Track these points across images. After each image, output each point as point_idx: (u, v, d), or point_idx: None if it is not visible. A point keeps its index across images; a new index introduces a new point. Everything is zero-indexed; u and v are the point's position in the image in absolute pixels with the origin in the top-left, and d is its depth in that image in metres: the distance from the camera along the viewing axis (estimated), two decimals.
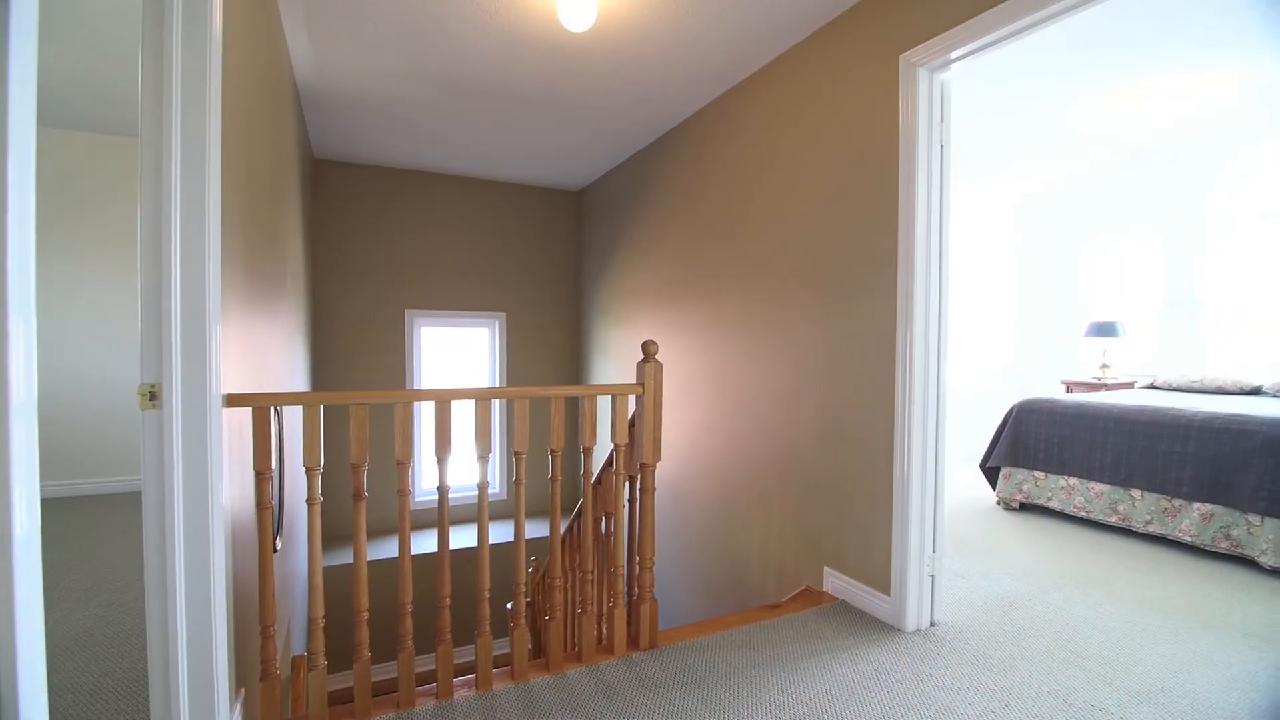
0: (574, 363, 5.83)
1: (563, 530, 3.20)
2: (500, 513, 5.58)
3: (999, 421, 4.08)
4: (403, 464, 1.71)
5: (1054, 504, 3.71)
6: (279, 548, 2.32)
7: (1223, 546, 2.99)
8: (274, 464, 1.84)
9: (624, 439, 2.01)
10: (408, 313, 5.28)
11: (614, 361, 4.93)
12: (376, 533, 5.08)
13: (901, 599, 2.23)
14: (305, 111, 3.84)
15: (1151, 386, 4.74)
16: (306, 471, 1.62)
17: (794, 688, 1.90)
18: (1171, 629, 2.28)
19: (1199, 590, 2.65)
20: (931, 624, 2.28)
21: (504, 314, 5.56)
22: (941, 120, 2.23)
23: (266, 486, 1.59)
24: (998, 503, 4.01)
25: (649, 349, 2.02)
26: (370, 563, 4.57)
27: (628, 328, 4.66)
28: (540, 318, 5.71)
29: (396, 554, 2.67)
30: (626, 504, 2.21)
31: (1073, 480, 3.62)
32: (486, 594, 1.85)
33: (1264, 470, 2.88)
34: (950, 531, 3.46)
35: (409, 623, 1.77)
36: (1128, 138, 4.51)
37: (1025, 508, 3.92)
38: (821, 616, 2.39)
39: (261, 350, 2.21)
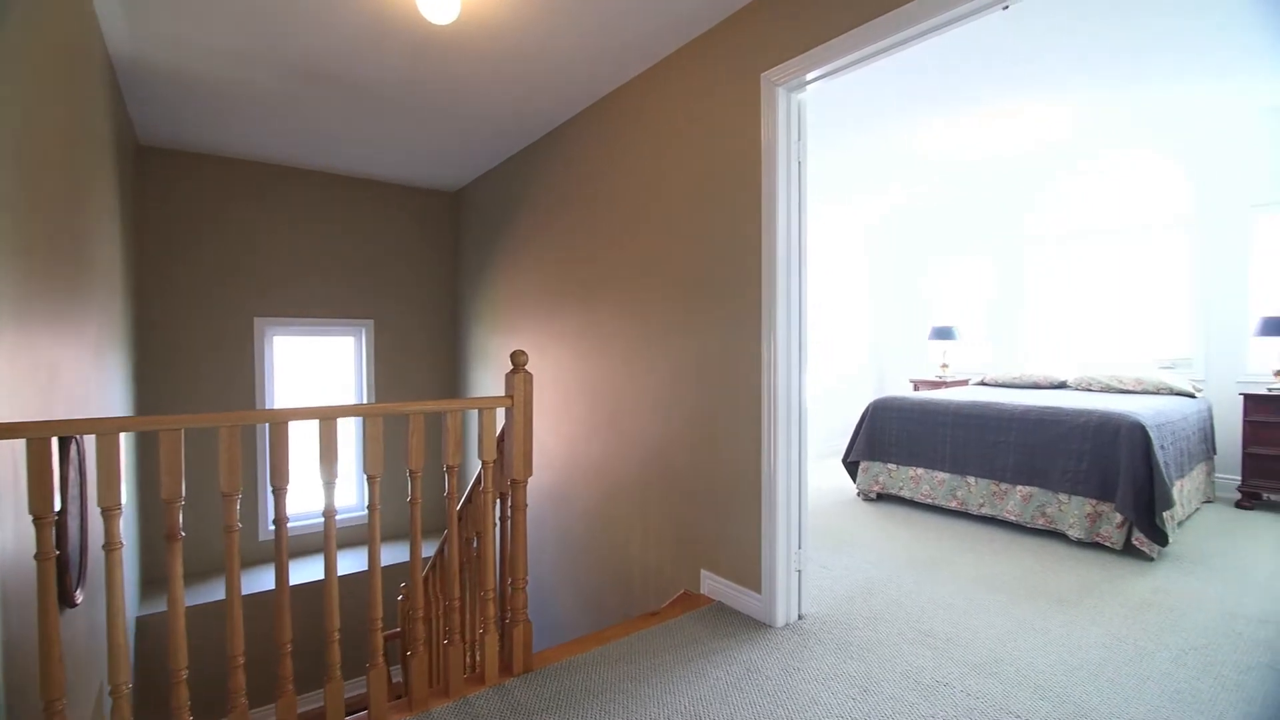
0: (451, 373, 5.56)
1: (431, 555, 3.01)
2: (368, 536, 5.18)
3: (858, 419, 4.40)
4: (229, 496, 1.50)
5: (905, 493, 4.05)
6: (79, 601, 1.97)
7: (1040, 523, 3.41)
8: (72, 504, 1.55)
9: (492, 455, 1.91)
10: (258, 321, 4.76)
11: (495, 370, 4.75)
12: (214, 572, 4.52)
13: (771, 596, 2.31)
14: (125, 91, 3.35)
15: (982, 383, 5.34)
16: (104, 513, 1.37)
17: (670, 697, 1.89)
18: (1001, 602, 2.55)
19: (1022, 564, 2.99)
20: (800, 617, 2.39)
21: (371, 321, 5.19)
22: (799, 139, 2.35)
23: (48, 534, 1.33)
24: (858, 494, 4.32)
25: (518, 359, 1.94)
26: (195, 608, 4.05)
27: (508, 335, 4.52)
28: (413, 325, 5.39)
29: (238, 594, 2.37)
30: (498, 522, 2.11)
31: (920, 470, 3.98)
32: (336, 635, 1.67)
33: (1069, 455, 3.32)
34: (817, 525, 3.67)
35: (241, 677, 1.56)
36: (962, 164, 5.06)
37: (882, 497, 4.25)
38: (698, 620, 2.42)
39: (52, 369, 1.86)
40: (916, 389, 5.88)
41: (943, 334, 5.81)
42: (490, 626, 1.94)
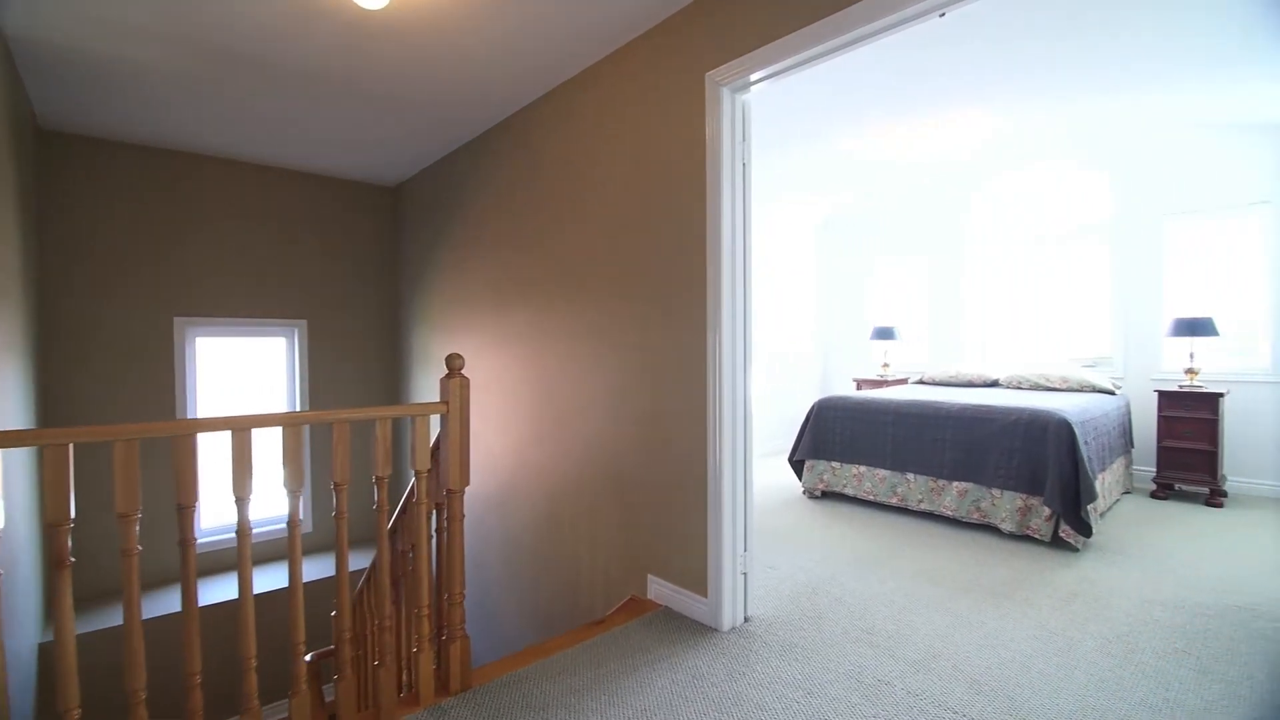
0: (392, 376, 5.35)
1: (367, 568, 2.87)
2: (308, 547, 4.93)
3: (804, 418, 4.46)
4: (125, 517, 1.36)
5: (849, 490, 4.13)
6: None
7: (974, 517, 3.53)
8: None
9: (425, 464, 1.82)
10: (179, 322, 4.46)
11: (439, 373, 4.59)
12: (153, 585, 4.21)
13: (718, 600, 2.30)
14: (22, 71, 3.06)
15: (921, 382, 5.50)
16: None
17: (614, 709, 1.84)
18: (939, 596, 2.61)
19: (958, 558, 3.08)
20: (746, 619, 2.38)
21: (304, 322, 4.93)
22: (744, 139, 2.34)
23: None
24: (804, 493, 4.38)
25: (453, 363, 1.85)
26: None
27: (452, 336, 4.37)
28: (351, 326, 5.16)
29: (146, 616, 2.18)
30: (434, 534, 2.01)
31: (862, 468, 4.06)
32: (252, 663, 1.55)
33: (1001, 452, 3.44)
34: (764, 524, 3.69)
35: (143, 713, 1.42)
36: (903, 169, 5.20)
37: (826, 495, 4.32)
38: (644, 627, 2.38)
39: None
40: (859, 388, 6.03)
41: (884, 334, 5.97)
42: (425, 644, 1.84)
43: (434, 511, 2.00)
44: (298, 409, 4.87)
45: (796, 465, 4.45)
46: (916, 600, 2.57)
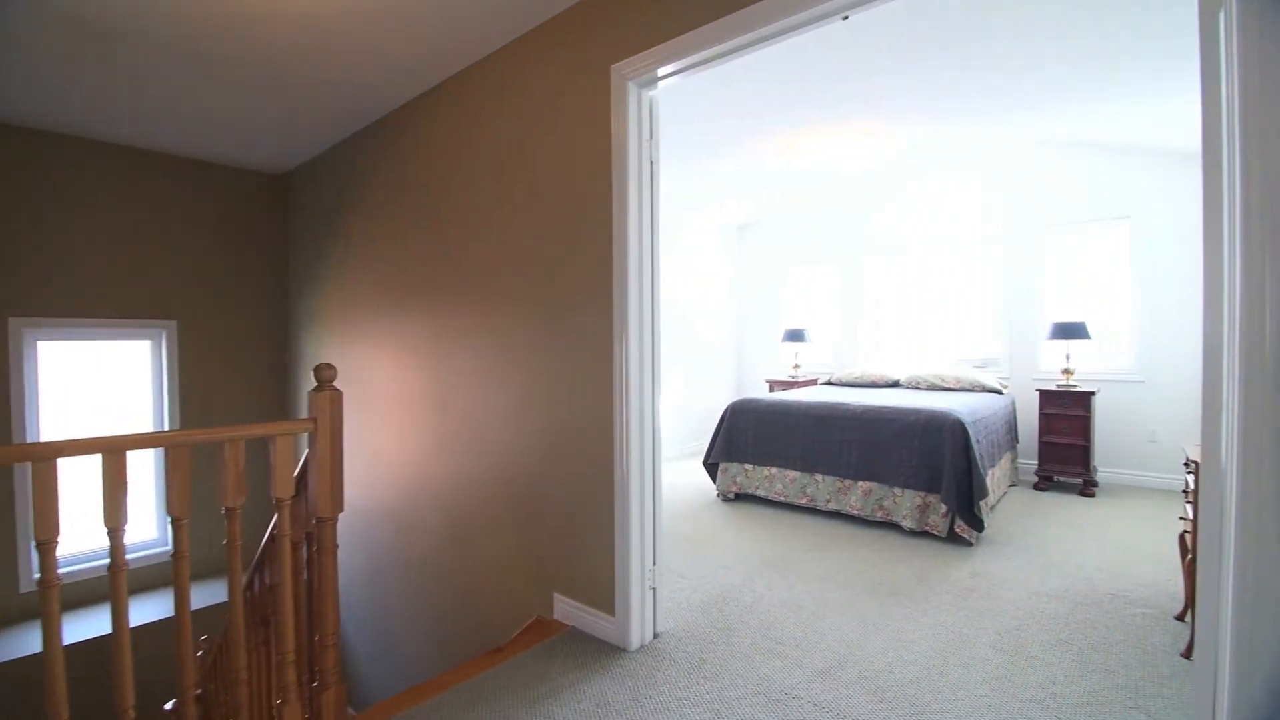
0: (278, 384, 4.90)
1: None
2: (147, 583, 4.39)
3: (718, 420, 4.45)
4: None
5: (761, 492, 4.16)
6: None
7: (878, 516, 3.62)
8: None
9: (287, 491, 1.60)
10: (16, 323, 3.86)
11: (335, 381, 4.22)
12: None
13: (626, 618, 2.19)
14: None
15: (829, 383, 5.67)
16: None
17: None
18: (846, 599, 2.63)
19: (863, 557, 3.14)
20: (655, 636, 2.29)
21: (174, 323, 4.41)
22: (651, 137, 2.25)
23: None
24: (718, 495, 4.37)
25: (323, 374, 1.64)
26: None
27: (347, 340, 4.03)
28: (230, 328, 4.67)
29: None
30: (307, 567, 1.79)
31: (774, 470, 4.10)
32: (131, 715, 1.28)
33: (901, 451, 3.55)
34: (677, 529, 3.64)
35: None
36: (811, 177, 5.32)
37: (740, 497, 4.33)
38: (548, 652, 2.24)
39: None
40: (772, 389, 6.14)
41: (795, 336, 6.11)
42: (291, 694, 1.62)
43: (306, 542, 1.78)
44: (165, 423, 4.35)
45: (711, 468, 4.44)
46: (824, 604, 2.58)
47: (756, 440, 4.19)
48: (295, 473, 1.70)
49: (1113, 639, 2.27)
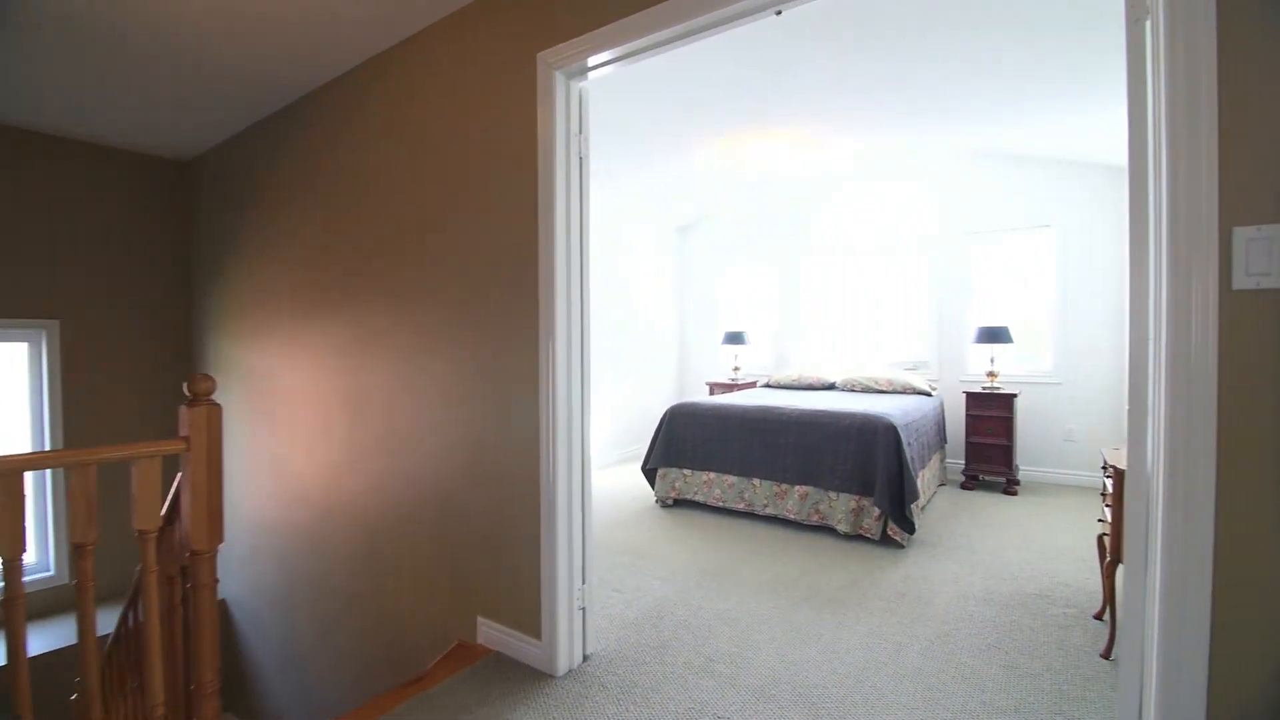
0: (180, 392, 4.48)
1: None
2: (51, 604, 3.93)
3: (657, 425, 4.37)
4: None
5: (699, 497, 4.10)
6: None
7: (814, 520, 3.62)
8: None
9: (152, 521, 1.39)
10: None
11: (239, 387, 3.89)
12: None
13: (552, 641, 2.06)
14: None
15: (768, 385, 5.69)
16: None
17: None
18: (781, 609, 2.59)
19: (800, 563, 3.12)
20: (585, 659, 2.17)
21: (56, 323, 3.96)
22: (580, 131, 2.12)
23: None
24: (657, 501, 4.29)
25: (198, 387, 1.44)
26: None
27: (257, 343, 3.71)
28: (123, 329, 4.24)
29: None
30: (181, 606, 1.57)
31: (712, 475, 4.05)
32: None
33: (835, 455, 3.56)
34: (614, 538, 3.53)
35: None
36: (754, 180, 5.32)
37: (679, 503, 4.26)
38: (470, 680, 2.08)
39: None
40: (712, 391, 6.12)
41: (735, 338, 6.11)
42: None
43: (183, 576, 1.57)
44: (46, 438, 3.90)
45: (649, 474, 4.35)
46: (759, 616, 2.52)
47: (695, 445, 4.13)
48: (169, 498, 1.49)
49: (1038, 641, 2.30)
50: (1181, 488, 1.17)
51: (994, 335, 4.68)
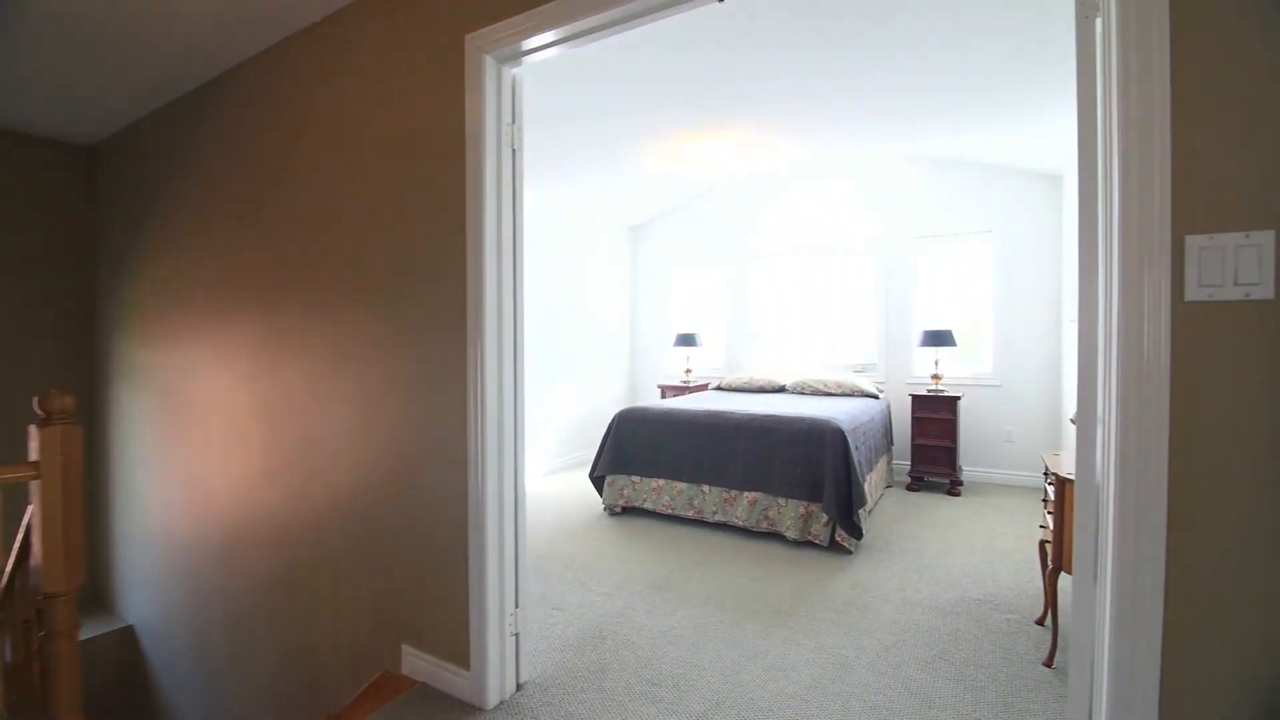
0: (82, 397, 4.09)
1: None
2: None
3: (605, 431, 4.24)
4: None
5: (648, 505, 3.99)
6: None
7: (763, 526, 3.56)
8: None
9: None
10: None
11: (148, 394, 3.55)
12: None
13: (482, 671, 1.91)
14: None
15: (719, 388, 5.63)
16: None
17: None
18: (727, 624, 2.50)
19: (748, 573, 3.04)
20: (518, 688, 2.02)
21: None
22: (514, 121, 1.98)
23: None
24: (605, 509, 4.16)
25: (51, 404, 1.23)
26: None
27: (166, 346, 3.39)
28: (12, 329, 3.83)
29: None
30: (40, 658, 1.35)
31: (661, 481, 3.95)
32: None
33: (784, 460, 3.51)
34: (557, 551, 3.38)
35: None
36: (697, 180, 5.25)
37: (627, 511, 4.15)
38: (394, 715, 1.91)
39: None
40: (664, 394, 6.03)
41: (686, 340, 6.04)
42: None
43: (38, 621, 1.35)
44: None
45: (597, 481, 4.21)
46: (705, 633, 2.43)
47: (644, 451, 4.02)
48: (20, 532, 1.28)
49: (982, 650, 2.28)
50: (1132, 501, 1.12)
51: (938, 339, 4.74)
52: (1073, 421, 1.73)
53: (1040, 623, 2.50)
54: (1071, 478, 2.09)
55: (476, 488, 1.90)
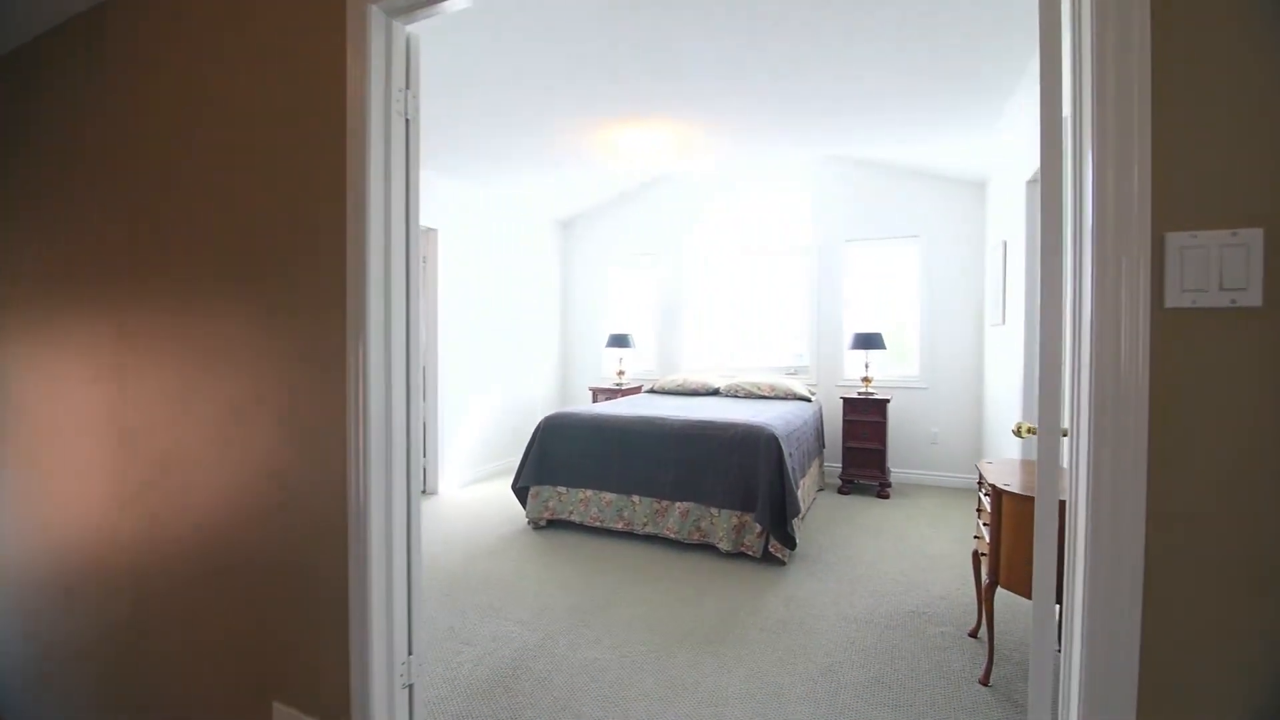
0: None
1: None
2: None
3: (529, 439, 3.96)
4: None
5: (575, 517, 3.75)
6: None
7: (695, 538, 3.39)
8: None
9: None
10: None
11: None
12: None
13: None
14: None
15: (652, 390, 5.45)
16: None
17: None
18: (657, 652, 2.29)
19: (678, 592, 2.86)
20: None
21: None
22: (407, 87, 1.69)
23: None
24: (529, 523, 3.88)
25: None
26: None
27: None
28: None
29: None
30: None
31: (589, 492, 3.71)
32: None
33: (718, 469, 3.35)
34: (473, 573, 3.09)
35: None
36: (628, 173, 5.04)
37: (553, 524, 3.89)
38: None
39: None
40: (596, 397, 5.78)
41: (619, 341, 5.82)
42: None
43: None
44: None
45: (520, 492, 3.93)
46: (632, 663, 2.22)
47: (571, 460, 3.77)
48: None
49: (919, 669, 2.18)
50: (1107, 527, 0.98)
51: (869, 341, 4.73)
52: (1019, 434, 1.62)
53: (973, 635, 2.44)
54: (1008, 489, 2.01)
55: (359, 515, 1.61)
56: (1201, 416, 0.92)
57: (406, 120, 1.66)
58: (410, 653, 1.69)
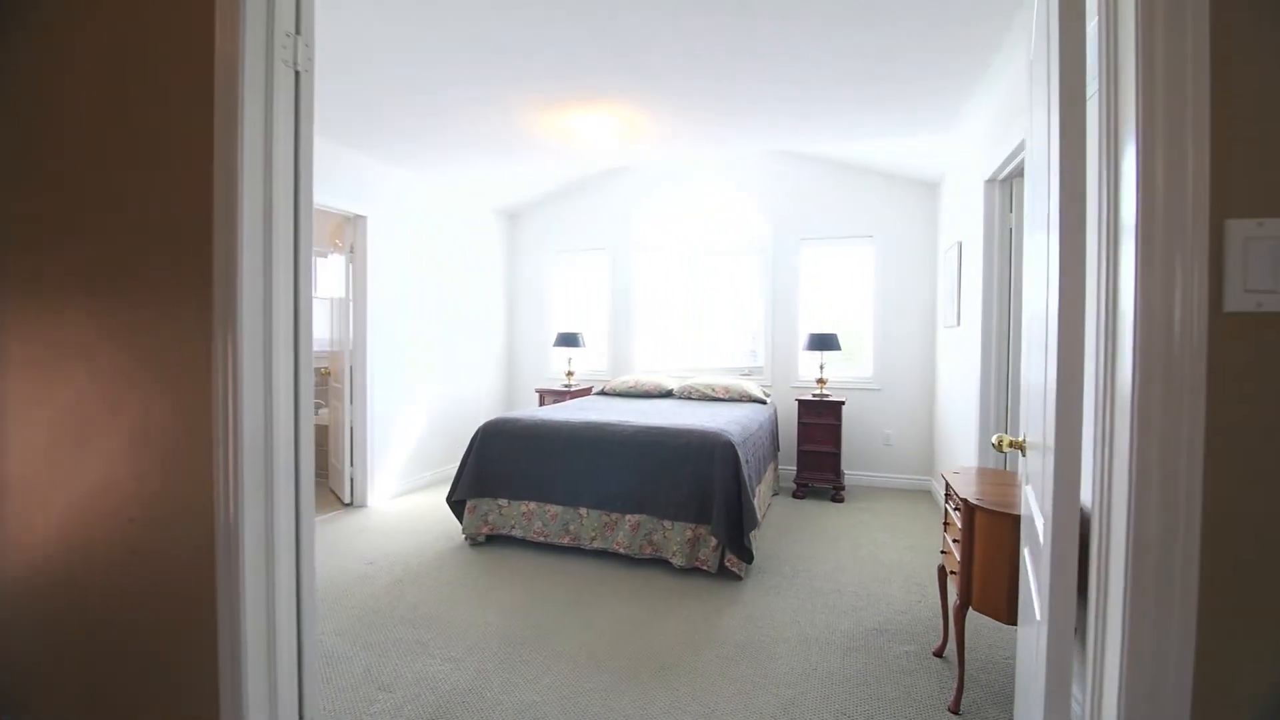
0: None
1: None
2: None
3: (466, 447, 3.64)
4: None
5: (517, 532, 3.46)
6: None
7: (647, 552, 3.17)
8: None
9: None
10: None
11: None
12: None
13: None
14: None
15: (603, 393, 5.20)
16: None
17: None
18: (603, 690, 2.06)
19: (628, 613, 2.63)
20: None
21: None
22: (299, 32, 1.39)
23: None
24: (465, 539, 3.57)
25: None
26: None
27: None
28: None
29: None
30: None
31: (532, 505, 3.44)
32: None
33: (671, 478, 3.14)
34: (401, 600, 2.77)
35: None
36: (578, 163, 4.77)
37: (493, 540, 3.59)
38: None
39: None
40: (543, 400, 5.49)
41: (568, 340, 5.54)
42: None
43: None
44: None
45: (456, 506, 3.62)
46: (575, 706, 1.97)
47: (513, 470, 3.48)
48: None
49: (885, 696, 2.02)
50: (1153, 564, 0.80)
51: (824, 342, 4.62)
52: (999, 448, 1.46)
53: (939, 654, 2.30)
54: (982, 504, 1.87)
55: (228, 548, 1.30)
56: (1273, 450, 0.75)
57: (297, 72, 1.37)
58: (300, 717, 1.40)
